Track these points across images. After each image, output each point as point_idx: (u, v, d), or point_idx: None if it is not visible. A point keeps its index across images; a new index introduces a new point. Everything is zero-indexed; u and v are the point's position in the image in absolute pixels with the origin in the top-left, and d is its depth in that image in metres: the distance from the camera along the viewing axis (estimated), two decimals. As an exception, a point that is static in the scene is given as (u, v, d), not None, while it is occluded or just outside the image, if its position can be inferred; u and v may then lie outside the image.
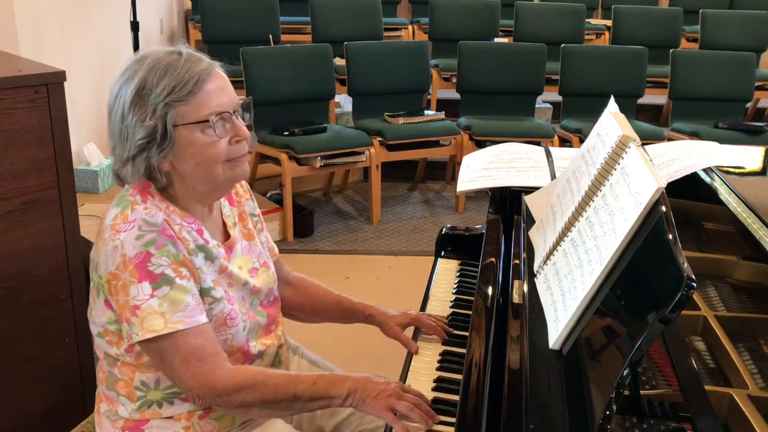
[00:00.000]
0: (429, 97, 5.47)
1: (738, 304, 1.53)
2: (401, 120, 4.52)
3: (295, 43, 5.30)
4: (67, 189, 1.96)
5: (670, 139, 4.53)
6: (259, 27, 5.31)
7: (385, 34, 5.76)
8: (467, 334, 1.48)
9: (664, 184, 1.15)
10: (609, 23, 6.14)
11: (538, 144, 2.36)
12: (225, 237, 1.49)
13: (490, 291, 1.52)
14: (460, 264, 1.99)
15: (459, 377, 1.37)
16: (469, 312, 1.57)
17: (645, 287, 1.11)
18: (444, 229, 2.08)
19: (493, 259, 1.65)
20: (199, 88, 1.31)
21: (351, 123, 4.76)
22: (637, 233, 1.16)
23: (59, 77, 1.90)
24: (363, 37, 5.01)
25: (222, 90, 1.34)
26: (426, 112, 4.71)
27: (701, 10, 6.01)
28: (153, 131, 1.30)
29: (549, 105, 5.64)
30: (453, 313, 1.71)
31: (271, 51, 4.57)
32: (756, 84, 5.20)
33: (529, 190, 1.86)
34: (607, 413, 1.00)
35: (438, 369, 1.49)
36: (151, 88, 1.29)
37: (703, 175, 1.81)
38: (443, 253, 2.04)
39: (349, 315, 1.68)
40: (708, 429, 1.07)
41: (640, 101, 5.10)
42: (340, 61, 4.81)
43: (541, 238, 1.57)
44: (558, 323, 1.26)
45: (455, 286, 1.85)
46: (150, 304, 1.28)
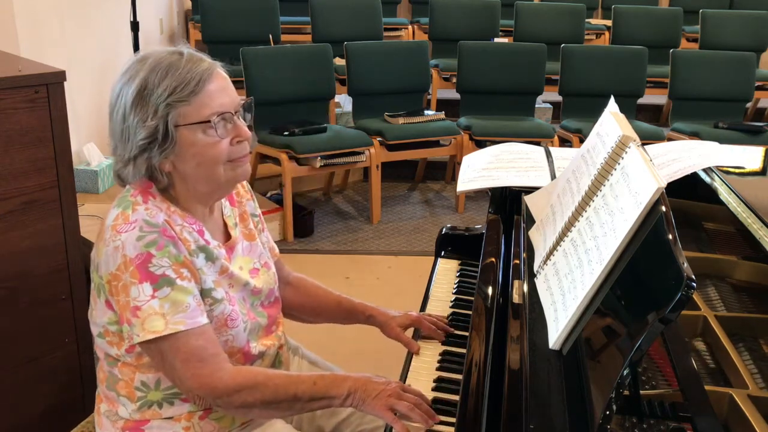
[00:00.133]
0: (429, 97, 5.47)
1: (738, 304, 1.54)
2: (401, 120, 4.52)
3: (295, 43, 5.30)
4: (67, 189, 1.96)
5: (670, 139, 4.53)
6: (259, 27, 5.31)
7: (385, 34, 5.76)
8: (467, 334, 1.48)
9: (664, 184, 1.15)
10: (609, 23, 6.14)
11: (538, 144, 2.36)
12: (226, 237, 1.49)
13: (490, 291, 1.52)
14: (460, 264, 1.99)
15: (459, 377, 1.37)
16: (469, 312, 1.57)
17: (645, 287, 1.11)
18: (444, 229, 2.08)
19: (493, 259, 1.65)
20: (201, 88, 1.31)
21: (351, 123, 4.76)
22: (637, 233, 1.16)
23: (59, 77, 1.90)
24: (363, 37, 5.01)
25: (223, 90, 1.34)
26: (426, 112, 4.71)
27: (701, 10, 6.01)
28: (154, 132, 1.30)
29: (549, 105, 5.64)
30: (453, 313, 1.71)
31: (271, 51, 4.57)
32: (756, 84, 5.20)
33: (529, 190, 1.86)
34: (607, 413, 1.00)
35: (438, 369, 1.50)
36: (153, 88, 1.29)
37: (703, 175, 1.81)
38: (443, 253, 2.04)
39: (350, 316, 1.68)
40: (708, 429, 1.07)
41: (640, 101, 5.10)
42: (340, 61, 4.81)
43: (541, 238, 1.57)
44: (558, 323, 1.26)
45: (455, 286, 1.85)
46: (151, 305, 1.28)
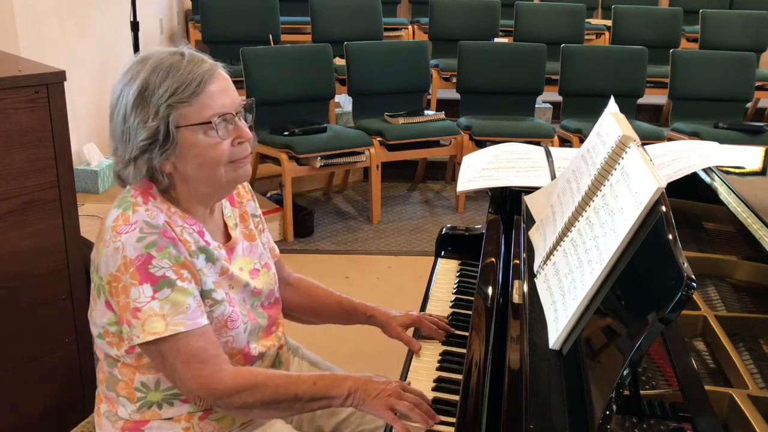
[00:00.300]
0: (429, 97, 5.47)
1: (738, 304, 1.54)
2: (401, 120, 4.52)
3: (295, 43, 5.30)
4: (67, 189, 1.96)
5: (670, 139, 4.53)
6: (259, 27, 5.31)
7: (385, 34, 5.76)
8: (467, 334, 1.48)
9: (664, 184, 1.15)
10: (609, 23, 6.14)
11: (538, 144, 2.36)
12: (226, 238, 1.49)
13: (490, 291, 1.52)
14: (460, 264, 1.99)
15: (459, 377, 1.37)
16: (469, 312, 1.57)
17: (645, 287, 1.11)
18: (444, 229, 2.08)
19: (493, 259, 1.65)
20: (202, 89, 1.30)
21: (351, 123, 4.76)
22: (637, 233, 1.16)
23: (59, 77, 1.90)
24: (363, 37, 5.01)
25: (225, 91, 1.34)
26: (426, 112, 4.71)
27: (701, 10, 6.01)
28: (155, 132, 1.29)
29: (549, 105, 5.64)
30: (453, 313, 1.71)
31: (271, 51, 4.57)
32: (756, 84, 5.20)
33: (529, 190, 1.86)
34: (607, 413, 1.00)
35: (438, 369, 1.50)
36: (154, 89, 1.29)
37: (703, 175, 1.81)
38: (443, 253, 2.04)
39: (350, 316, 1.68)
40: (708, 429, 1.07)
41: (640, 101, 5.10)
42: (340, 61, 4.81)
43: (541, 238, 1.57)
44: (558, 323, 1.26)
45: (455, 286, 1.85)
46: (151, 306, 1.28)
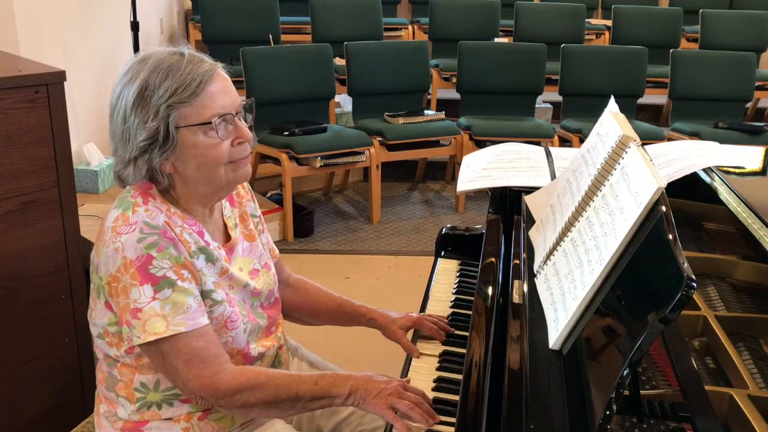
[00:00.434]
0: (429, 97, 5.47)
1: (738, 304, 1.54)
2: (401, 120, 4.53)
3: (295, 43, 5.30)
4: (67, 189, 1.96)
5: (670, 139, 4.53)
6: (259, 27, 5.31)
7: (385, 34, 5.76)
8: (467, 334, 1.48)
9: (664, 184, 1.15)
10: (609, 23, 6.14)
11: (538, 144, 2.36)
12: (226, 238, 1.49)
13: (490, 291, 1.52)
14: (460, 264, 1.99)
15: (459, 377, 1.37)
16: (469, 312, 1.57)
17: (645, 287, 1.11)
18: (444, 229, 2.08)
19: (493, 259, 1.65)
20: (202, 89, 1.30)
21: (351, 123, 4.76)
22: (637, 233, 1.16)
23: (59, 77, 1.90)
24: (363, 37, 5.02)
25: (224, 91, 1.34)
26: (426, 112, 4.71)
27: (701, 10, 6.01)
28: (155, 133, 1.29)
29: (549, 105, 5.64)
30: (453, 313, 1.71)
31: (271, 51, 4.57)
32: (756, 84, 5.20)
33: (529, 190, 1.86)
34: (607, 413, 1.00)
35: (438, 369, 1.50)
36: (154, 89, 1.29)
37: (703, 175, 1.81)
38: (443, 253, 2.04)
39: (351, 318, 1.67)
40: (708, 429, 1.07)
41: (640, 101, 5.10)
42: (340, 61, 4.81)
43: (541, 238, 1.57)
44: (558, 323, 1.26)
45: (455, 286, 1.85)
46: (152, 306, 1.28)
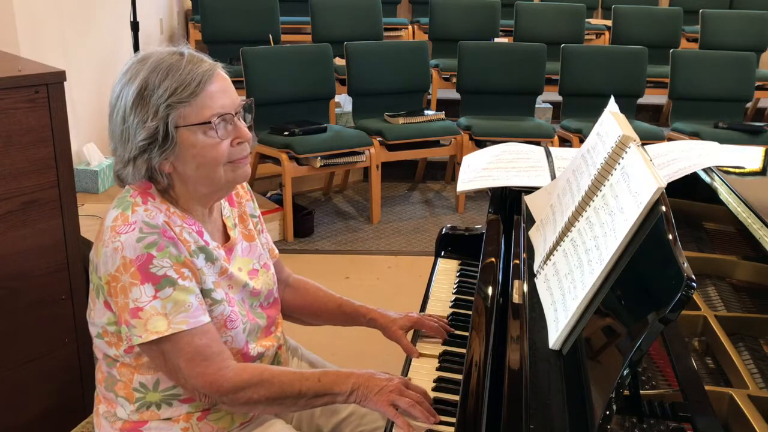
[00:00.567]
0: (429, 97, 5.47)
1: (738, 304, 1.54)
2: (401, 120, 4.52)
3: (295, 43, 5.30)
4: (67, 189, 1.96)
5: (670, 139, 4.53)
6: (259, 27, 5.31)
7: (385, 34, 5.76)
8: (467, 334, 1.48)
9: (664, 184, 1.15)
10: (609, 23, 6.14)
11: (538, 144, 2.36)
12: (225, 239, 1.49)
13: (490, 291, 1.52)
14: (460, 264, 1.99)
15: (459, 377, 1.37)
16: (469, 312, 1.57)
17: (645, 287, 1.11)
18: (444, 229, 2.08)
19: (493, 259, 1.65)
20: (202, 89, 1.30)
21: (351, 123, 4.76)
22: (637, 233, 1.16)
23: (59, 77, 1.90)
24: (363, 37, 5.01)
25: (224, 91, 1.34)
26: (426, 112, 4.71)
27: (701, 10, 6.01)
28: (154, 132, 1.29)
29: (549, 105, 5.64)
30: (453, 313, 1.71)
31: (271, 51, 4.57)
32: (756, 84, 5.20)
33: (529, 190, 1.86)
34: (607, 413, 1.00)
35: (438, 369, 1.50)
36: (153, 89, 1.29)
37: (703, 175, 1.81)
38: (443, 253, 2.04)
39: (351, 318, 1.67)
40: (708, 429, 1.07)
41: (640, 101, 5.10)
42: (340, 61, 4.81)
43: (541, 238, 1.57)
44: (558, 323, 1.26)
45: (455, 286, 1.85)
46: (153, 305, 1.28)
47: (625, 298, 1.14)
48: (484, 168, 2.06)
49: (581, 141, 4.45)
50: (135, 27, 4.09)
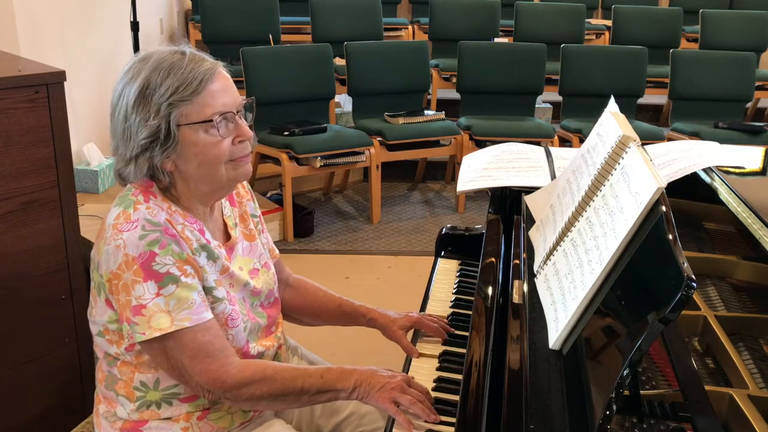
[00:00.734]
0: (429, 97, 5.47)
1: (738, 304, 1.54)
2: (401, 120, 4.53)
3: (295, 43, 5.30)
4: (67, 189, 1.96)
5: (670, 139, 4.53)
6: (259, 27, 5.31)
7: (385, 34, 5.76)
8: (467, 334, 1.48)
9: (664, 184, 1.15)
10: (609, 23, 6.14)
11: (538, 144, 2.36)
12: (226, 238, 1.49)
13: (490, 291, 1.52)
14: (460, 264, 1.99)
15: (459, 377, 1.37)
16: (469, 312, 1.57)
17: (645, 287, 1.11)
18: (444, 229, 2.08)
19: (493, 259, 1.65)
20: (203, 88, 1.31)
21: (351, 123, 4.76)
22: (637, 233, 1.16)
23: (59, 77, 1.90)
24: (363, 37, 5.02)
25: (226, 90, 1.35)
26: (426, 112, 4.71)
27: (701, 10, 6.01)
28: (156, 131, 1.30)
29: (549, 105, 5.64)
30: (453, 313, 1.71)
31: (271, 51, 4.57)
32: (756, 84, 5.20)
33: (529, 190, 1.86)
34: (607, 413, 1.00)
35: (438, 369, 1.50)
36: (155, 87, 1.29)
37: (703, 175, 1.81)
38: (443, 253, 2.04)
39: (351, 318, 1.68)
40: (708, 429, 1.07)
41: (640, 101, 5.10)
42: (340, 61, 4.81)
43: (541, 238, 1.57)
44: (558, 323, 1.26)
45: (455, 286, 1.85)
46: (156, 302, 1.28)
47: (625, 298, 1.14)
48: (484, 168, 2.06)
49: (581, 141, 4.45)
50: (135, 27, 4.09)
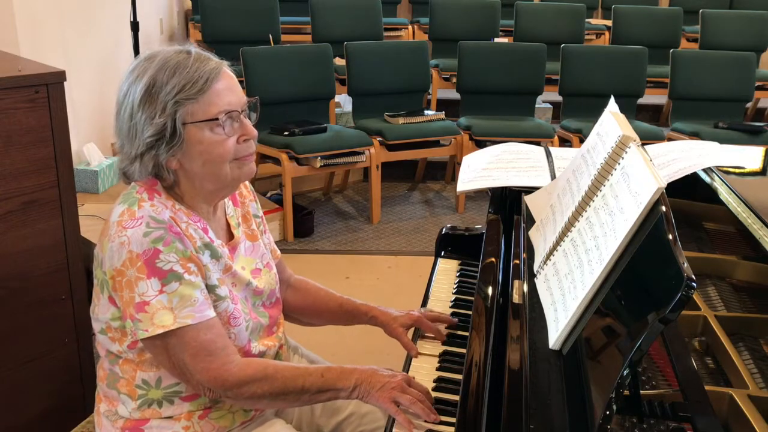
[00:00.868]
0: (429, 97, 5.47)
1: (738, 304, 1.54)
2: (401, 120, 4.53)
3: (295, 43, 5.30)
4: (67, 189, 1.96)
5: (670, 139, 4.53)
6: (259, 27, 5.31)
7: (385, 34, 5.76)
8: (467, 334, 1.48)
9: (664, 184, 1.15)
10: (609, 23, 6.14)
11: (538, 144, 2.36)
12: (229, 237, 1.49)
13: (490, 291, 1.52)
14: (460, 264, 1.99)
15: (459, 377, 1.37)
16: (469, 312, 1.57)
17: (645, 287, 1.11)
18: (444, 229, 2.08)
19: (493, 259, 1.65)
20: (209, 86, 1.31)
21: (351, 123, 4.76)
22: (637, 233, 1.16)
23: (59, 77, 1.90)
24: (363, 37, 5.01)
25: (231, 89, 1.35)
26: (426, 112, 4.71)
27: (701, 10, 6.01)
28: (162, 129, 1.30)
29: (549, 105, 5.64)
30: (453, 314, 1.71)
31: (271, 51, 4.57)
32: (756, 84, 5.20)
33: (529, 190, 1.86)
34: (607, 413, 1.00)
35: (438, 369, 1.50)
36: (161, 86, 1.30)
37: (703, 175, 1.81)
38: (443, 253, 2.04)
39: (352, 317, 1.68)
40: (708, 429, 1.07)
41: (640, 101, 5.10)
42: (340, 61, 4.81)
43: (541, 238, 1.57)
44: (558, 323, 1.26)
45: (455, 286, 1.85)
46: (159, 300, 1.28)
47: (625, 298, 1.14)
48: (484, 168, 2.06)
49: (581, 141, 4.46)
50: (135, 27, 4.09)
